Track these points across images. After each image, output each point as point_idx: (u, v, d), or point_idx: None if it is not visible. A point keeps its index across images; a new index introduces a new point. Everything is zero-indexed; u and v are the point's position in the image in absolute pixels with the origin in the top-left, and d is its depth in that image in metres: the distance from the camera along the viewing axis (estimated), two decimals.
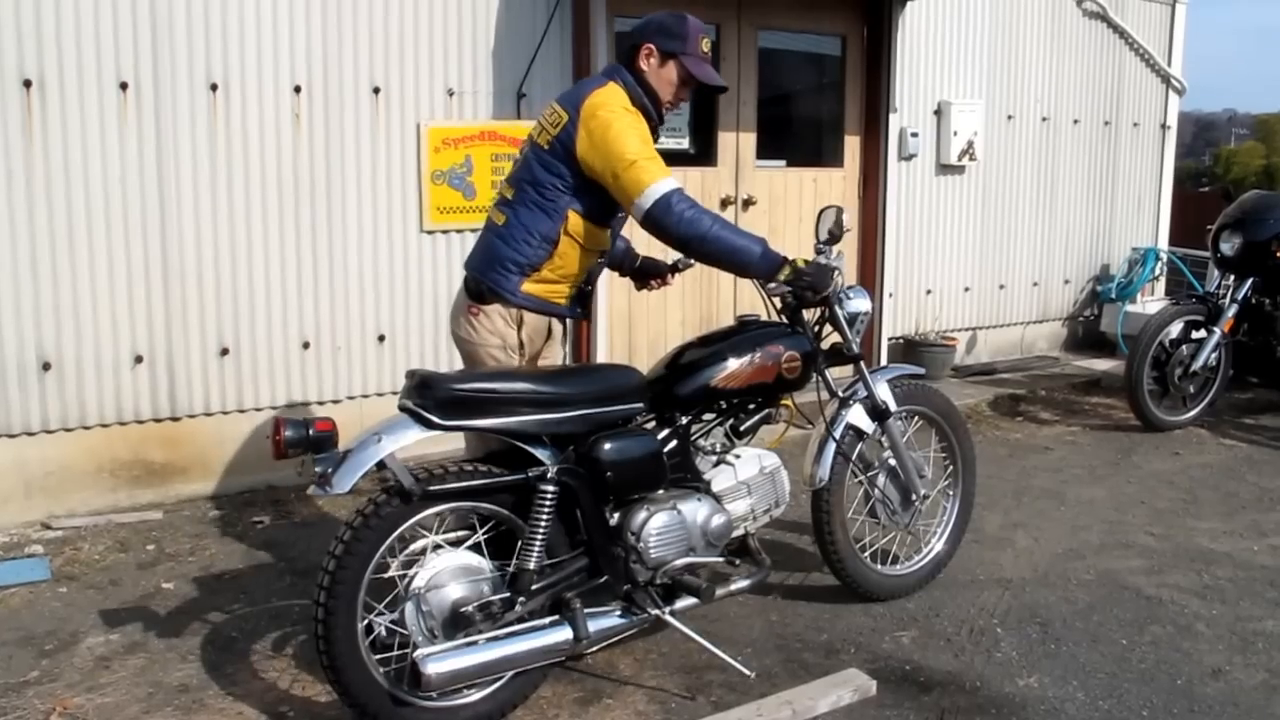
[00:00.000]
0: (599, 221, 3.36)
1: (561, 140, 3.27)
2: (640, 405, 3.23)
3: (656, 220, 3.17)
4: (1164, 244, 8.65)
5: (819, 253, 3.53)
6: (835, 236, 3.56)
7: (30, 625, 3.66)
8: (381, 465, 2.83)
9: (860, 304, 3.67)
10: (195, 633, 3.62)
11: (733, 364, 3.34)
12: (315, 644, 2.84)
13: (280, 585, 4.01)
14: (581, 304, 3.58)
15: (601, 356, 5.89)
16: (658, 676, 3.35)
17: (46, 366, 4.52)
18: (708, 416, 3.47)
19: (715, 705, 3.18)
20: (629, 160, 3.16)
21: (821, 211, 3.65)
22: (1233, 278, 6.52)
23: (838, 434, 3.65)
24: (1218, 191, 9.96)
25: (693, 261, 3.66)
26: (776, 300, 3.53)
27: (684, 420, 3.37)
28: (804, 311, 3.55)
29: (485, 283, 3.36)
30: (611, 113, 3.22)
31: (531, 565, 2.98)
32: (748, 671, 3.28)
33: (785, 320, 3.56)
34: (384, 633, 2.92)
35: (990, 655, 3.54)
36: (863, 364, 3.71)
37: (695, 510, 3.28)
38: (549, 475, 3.00)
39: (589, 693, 3.26)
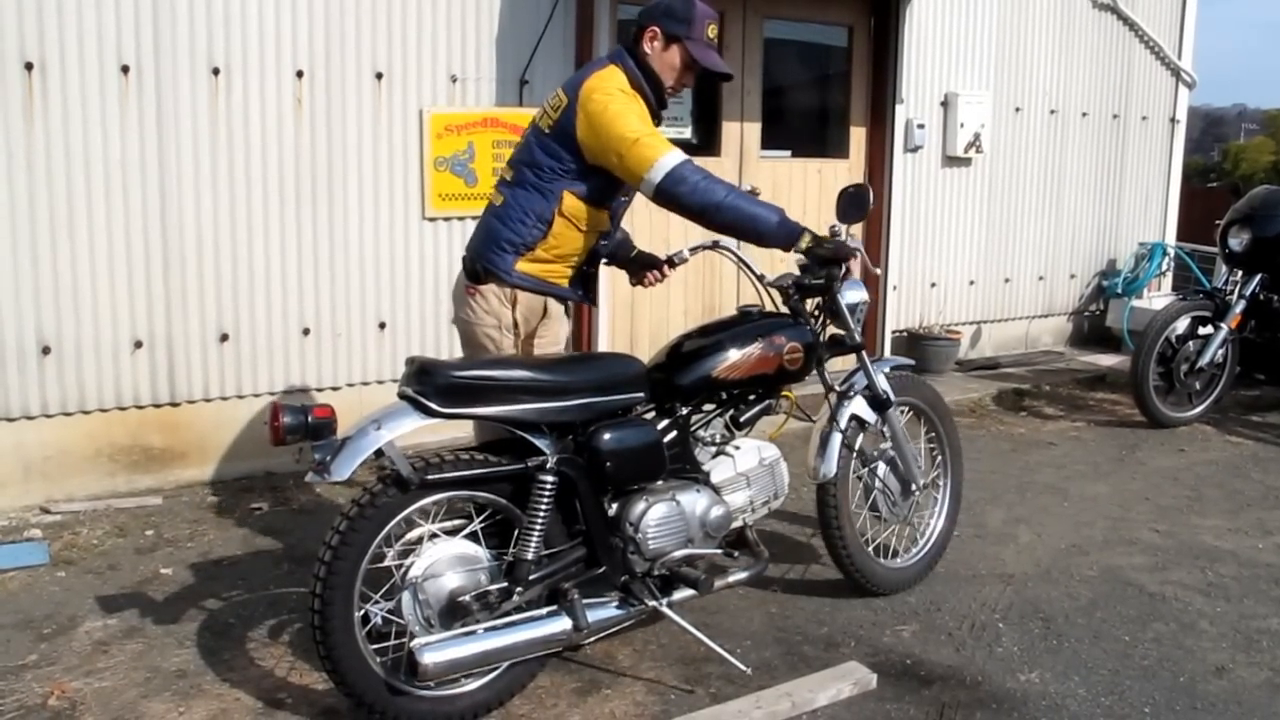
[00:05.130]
0: (596, 204, 3.34)
1: (562, 124, 3.26)
2: (641, 395, 3.21)
3: (668, 193, 3.14)
4: (1171, 239, 8.59)
5: (834, 233, 3.53)
6: (861, 213, 3.55)
7: (28, 609, 3.65)
8: (380, 453, 2.81)
9: (857, 294, 3.66)
10: (193, 618, 3.61)
11: (734, 354, 3.32)
12: (312, 634, 2.83)
13: (278, 572, 4.00)
14: (584, 286, 3.56)
15: (603, 345, 5.86)
16: (656, 668, 3.33)
17: (46, 350, 4.50)
18: (708, 407, 3.45)
19: (714, 697, 3.16)
20: (631, 139, 3.14)
21: (844, 190, 3.63)
22: (1240, 273, 6.47)
23: (842, 425, 3.62)
24: (1227, 187, 9.92)
25: (688, 256, 3.66)
26: (775, 292, 3.51)
27: (684, 411, 3.35)
28: (806, 302, 3.54)
29: (481, 262, 3.37)
30: (608, 95, 3.21)
31: (530, 556, 2.96)
32: (744, 667, 3.25)
33: (787, 311, 3.53)
34: (380, 621, 2.90)
35: (991, 650, 3.52)
36: (864, 354, 3.69)
37: (694, 501, 3.26)
38: (548, 465, 2.97)
39: (587, 683, 3.24)
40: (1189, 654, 3.52)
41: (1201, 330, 6.33)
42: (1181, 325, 6.31)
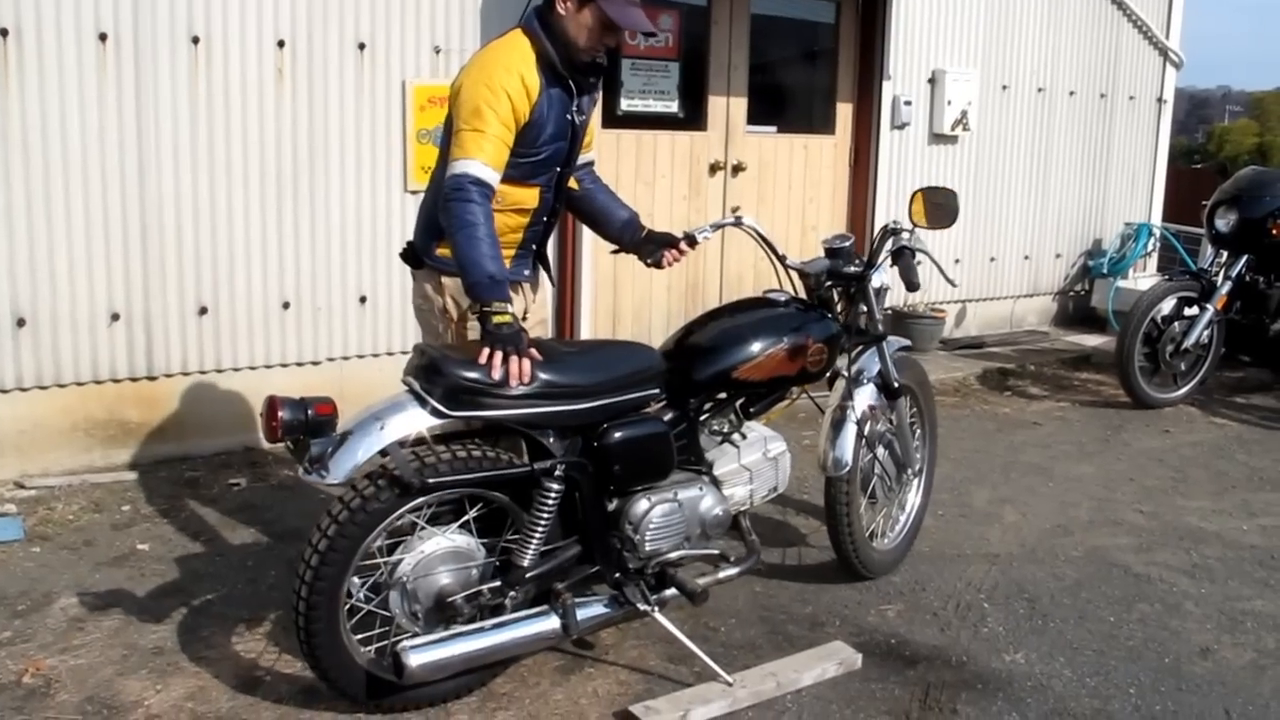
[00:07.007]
0: (512, 181, 3.13)
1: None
2: (656, 391, 3.09)
3: (444, 191, 2.99)
4: (1157, 220, 8.60)
5: (892, 232, 3.52)
6: (946, 222, 3.61)
7: (2, 585, 3.60)
8: (382, 452, 2.69)
9: (879, 279, 3.61)
10: (170, 595, 3.56)
11: (758, 355, 3.21)
12: (296, 634, 2.75)
13: (257, 549, 3.95)
14: (541, 263, 3.45)
15: (585, 322, 5.81)
16: (640, 646, 3.30)
17: (21, 323, 4.42)
18: (720, 396, 3.34)
19: (698, 676, 3.13)
20: (458, 127, 3.02)
21: (927, 192, 3.64)
22: (1227, 254, 6.48)
23: (859, 415, 3.53)
24: (1213, 168, 9.94)
25: (710, 233, 3.51)
26: (795, 275, 3.44)
27: (695, 403, 3.25)
28: (835, 290, 3.49)
29: (415, 248, 3.29)
30: (469, 86, 3.03)
31: (526, 562, 2.88)
32: (728, 679, 3.10)
33: (805, 297, 3.47)
34: (362, 598, 2.83)
35: (977, 630, 3.51)
36: (884, 342, 3.64)
37: (696, 500, 3.16)
38: (556, 472, 2.87)
39: (571, 662, 3.21)
40: (1174, 635, 3.52)
41: (1187, 311, 6.34)
42: (1167, 306, 6.31)
